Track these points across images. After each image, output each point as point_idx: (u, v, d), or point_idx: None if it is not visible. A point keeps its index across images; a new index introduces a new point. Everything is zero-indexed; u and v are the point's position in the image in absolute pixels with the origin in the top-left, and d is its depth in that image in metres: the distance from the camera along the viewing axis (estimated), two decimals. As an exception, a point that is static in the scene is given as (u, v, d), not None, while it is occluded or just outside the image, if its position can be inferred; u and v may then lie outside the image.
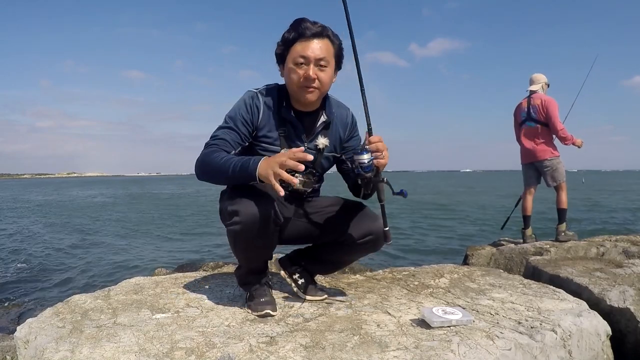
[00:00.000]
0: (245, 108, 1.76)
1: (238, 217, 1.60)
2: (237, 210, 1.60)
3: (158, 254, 8.89)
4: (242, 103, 1.77)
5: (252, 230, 1.61)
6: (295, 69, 1.71)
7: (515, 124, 4.72)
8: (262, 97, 1.78)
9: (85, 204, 25.05)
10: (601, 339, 1.73)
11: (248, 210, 1.59)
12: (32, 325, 1.71)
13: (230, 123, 1.74)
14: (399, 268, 2.58)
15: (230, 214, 1.63)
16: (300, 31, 1.70)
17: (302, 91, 1.74)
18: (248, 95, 1.79)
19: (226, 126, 1.74)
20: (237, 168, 1.55)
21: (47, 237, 11.53)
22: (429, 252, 8.27)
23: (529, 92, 4.55)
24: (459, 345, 1.43)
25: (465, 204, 18.49)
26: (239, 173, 1.55)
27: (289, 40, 1.72)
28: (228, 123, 1.74)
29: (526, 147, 4.55)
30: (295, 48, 1.71)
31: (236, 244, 1.72)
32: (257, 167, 1.50)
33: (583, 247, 3.92)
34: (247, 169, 1.53)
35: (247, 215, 1.59)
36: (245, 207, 1.59)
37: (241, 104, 1.77)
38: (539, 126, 4.43)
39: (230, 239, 1.71)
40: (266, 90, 1.81)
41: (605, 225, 11.07)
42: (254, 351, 1.42)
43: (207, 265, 4.44)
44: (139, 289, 2.12)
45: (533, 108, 4.46)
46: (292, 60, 1.71)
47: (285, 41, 1.73)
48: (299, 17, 1.75)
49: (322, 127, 1.85)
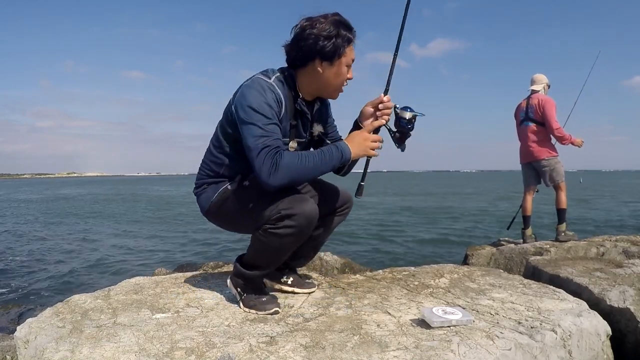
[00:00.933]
0: (273, 101, 1.66)
1: (293, 221, 1.59)
2: (291, 214, 1.59)
3: (158, 254, 8.88)
4: (267, 96, 1.65)
5: (304, 232, 1.65)
6: (344, 71, 1.74)
7: (516, 124, 4.73)
8: (278, 89, 1.69)
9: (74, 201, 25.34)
10: (601, 339, 1.73)
11: (303, 211, 1.60)
12: (32, 325, 1.70)
13: (274, 118, 1.64)
14: (399, 268, 2.58)
15: (281, 218, 1.60)
16: (353, 34, 1.72)
17: (338, 91, 1.80)
18: (266, 86, 1.67)
19: (271, 122, 1.63)
20: (329, 162, 1.64)
21: (45, 237, 11.53)
22: (429, 252, 8.27)
23: (530, 91, 4.56)
24: (459, 345, 1.43)
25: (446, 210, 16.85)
26: (330, 166, 1.65)
27: (345, 40, 1.69)
28: (271, 118, 1.63)
29: (524, 146, 4.56)
30: (348, 51, 1.71)
31: (282, 247, 1.68)
32: (351, 153, 1.68)
33: (583, 247, 3.92)
34: (340, 158, 1.66)
35: (303, 218, 1.60)
36: (300, 209, 1.60)
37: (268, 96, 1.65)
38: (536, 126, 4.43)
39: (274, 242, 1.65)
40: (277, 81, 1.71)
41: (605, 225, 11.07)
42: (254, 351, 1.41)
43: (207, 265, 4.44)
44: (139, 289, 2.12)
45: (530, 108, 4.46)
46: (346, 62, 1.73)
47: (345, 40, 1.69)
48: (340, 16, 1.70)
49: (317, 114, 1.90)
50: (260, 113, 1.61)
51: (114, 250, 9.30)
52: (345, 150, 1.67)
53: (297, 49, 1.69)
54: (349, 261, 4.28)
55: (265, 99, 1.63)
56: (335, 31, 1.65)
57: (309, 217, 1.62)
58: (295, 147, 1.81)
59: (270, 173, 1.55)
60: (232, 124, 1.71)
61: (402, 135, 1.77)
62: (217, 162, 1.81)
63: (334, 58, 1.68)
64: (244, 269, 1.79)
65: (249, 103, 1.62)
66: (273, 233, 1.63)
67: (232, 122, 1.71)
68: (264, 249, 1.70)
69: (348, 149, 1.67)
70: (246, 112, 1.62)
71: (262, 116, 1.61)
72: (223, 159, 1.79)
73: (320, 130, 1.92)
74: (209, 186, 1.83)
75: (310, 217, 1.62)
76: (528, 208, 4.61)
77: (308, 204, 1.62)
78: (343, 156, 1.67)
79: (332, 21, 1.66)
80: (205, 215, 1.87)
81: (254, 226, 1.70)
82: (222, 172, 1.81)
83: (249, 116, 1.61)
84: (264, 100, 1.63)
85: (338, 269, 4.15)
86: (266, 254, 1.71)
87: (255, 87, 1.65)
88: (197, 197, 1.88)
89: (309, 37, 1.65)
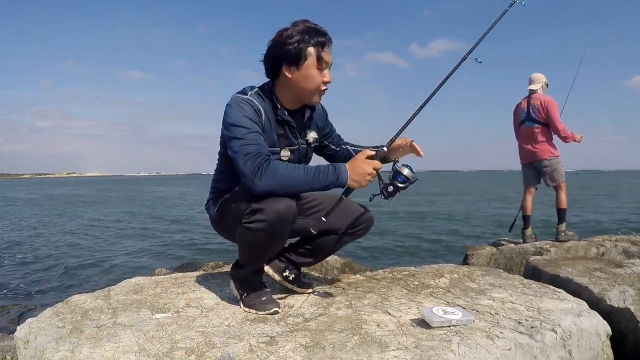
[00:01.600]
0: (251, 113, 1.71)
1: (263, 214, 1.62)
2: (261, 208, 1.62)
3: (158, 254, 8.88)
4: (245, 109, 1.71)
5: (276, 228, 1.65)
6: (314, 73, 1.75)
7: (514, 124, 4.72)
8: (256, 102, 1.74)
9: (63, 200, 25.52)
10: (601, 339, 1.73)
11: (274, 207, 1.61)
12: (32, 325, 1.71)
13: (253, 127, 1.68)
14: (399, 268, 2.58)
15: (252, 211, 1.64)
16: (323, 36, 1.73)
17: (317, 94, 1.80)
18: (243, 101, 1.73)
19: (251, 131, 1.67)
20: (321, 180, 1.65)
21: (45, 237, 11.53)
22: (429, 252, 8.27)
23: (529, 91, 4.55)
24: (459, 345, 1.43)
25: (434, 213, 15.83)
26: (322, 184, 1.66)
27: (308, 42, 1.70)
28: (250, 128, 1.68)
29: (525, 147, 4.55)
30: (313, 52, 1.72)
31: (255, 242, 1.70)
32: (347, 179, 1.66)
33: (583, 247, 3.92)
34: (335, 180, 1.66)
35: (273, 213, 1.61)
36: (271, 205, 1.61)
37: (246, 109, 1.71)
38: (538, 126, 4.43)
39: (247, 236, 1.69)
40: (255, 95, 1.77)
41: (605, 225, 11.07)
42: (254, 351, 1.41)
43: (207, 265, 4.44)
44: (139, 289, 2.12)
45: (532, 108, 4.45)
46: (315, 64, 1.74)
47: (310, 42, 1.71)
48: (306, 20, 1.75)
49: (308, 122, 1.93)
50: (240, 126, 1.68)
51: (114, 250, 9.30)
52: (342, 174, 1.66)
53: (267, 59, 1.78)
54: (349, 261, 4.27)
55: (244, 112, 1.70)
56: (300, 36, 1.71)
57: (280, 214, 1.62)
58: (288, 155, 1.84)
59: (255, 176, 1.60)
60: (223, 144, 1.81)
61: (395, 189, 1.74)
62: (219, 179, 1.94)
63: (299, 61, 1.72)
64: (236, 268, 1.89)
65: (229, 120, 1.71)
66: (246, 227, 1.67)
67: (223, 142, 1.81)
68: (242, 245, 1.77)
69: (345, 174, 1.66)
70: (228, 129, 1.71)
71: (241, 128, 1.68)
72: (223, 176, 1.91)
73: (315, 137, 1.95)
74: (212, 201, 1.95)
75: (280, 213, 1.62)
76: (528, 208, 4.61)
77: (282, 202, 1.63)
78: (339, 178, 1.66)
79: (298, 28, 1.72)
80: (214, 229, 1.99)
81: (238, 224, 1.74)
82: (222, 187, 1.92)
83: (231, 131, 1.69)
84: (242, 113, 1.70)
85: (338, 269, 4.15)
86: (245, 250, 1.78)
87: (234, 105, 1.73)
88: (207, 212, 2.00)
89: (276, 45, 1.73)
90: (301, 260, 2.03)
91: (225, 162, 1.84)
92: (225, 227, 1.90)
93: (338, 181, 1.67)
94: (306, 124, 1.92)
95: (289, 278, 1.97)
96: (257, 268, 1.86)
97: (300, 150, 1.90)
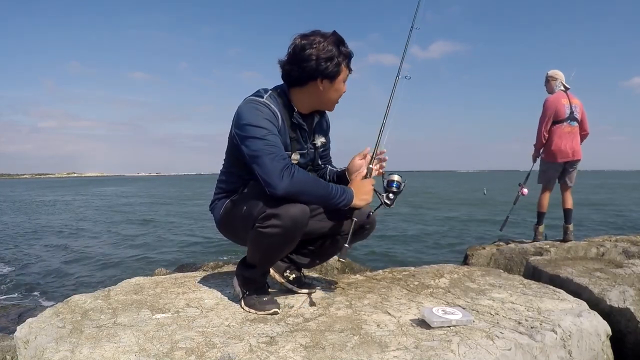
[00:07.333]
0: (270, 115, 1.71)
1: (278, 220, 1.63)
2: (277, 214, 1.63)
3: (158, 254, 8.88)
4: (263, 111, 1.71)
5: (290, 233, 1.67)
6: (342, 87, 1.83)
7: (547, 118, 4.39)
8: (273, 105, 1.75)
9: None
10: (601, 339, 1.73)
11: (289, 212, 1.63)
12: (32, 325, 1.70)
13: (273, 130, 1.69)
14: (399, 268, 2.58)
15: (267, 216, 1.65)
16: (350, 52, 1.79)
17: (335, 104, 1.88)
18: (260, 104, 1.73)
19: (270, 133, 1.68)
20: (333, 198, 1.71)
21: (45, 237, 11.53)
22: (429, 252, 8.27)
23: (564, 87, 4.42)
24: (459, 345, 1.43)
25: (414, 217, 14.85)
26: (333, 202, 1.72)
27: (344, 59, 1.76)
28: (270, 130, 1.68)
29: (569, 145, 4.37)
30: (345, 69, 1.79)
31: (269, 247, 1.72)
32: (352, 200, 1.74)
33: (583, 247, 3.93)
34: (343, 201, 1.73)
35: (288, 219, 1.63)
36: (286, 210, 1.63)
37: (264, 111, 1.71)
38: (577, 126, 4.38)
39: (261, 241, 1.70)
40: (271, 98, 1.78)
41: (604, 225, 11.07)
42: (254, 351, 1.41)
43: (207, 265, 4.44)
44: (139, 289, 2.12)
45: (575, 107, 4.36)
46: (343, 79, 1.81)
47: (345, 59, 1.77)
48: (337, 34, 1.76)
49: (317, 127, 1.95)
50: (259, 126, 1.68)
51: (114, 251, 9.30)
52: (348, 196, 1.74)
53: (299, 69, 1.75)
54: (349, 261, 4.28)
55: (262, 114, 1.70)
56: (337, 51, 1.73)
57: (295, 219, 1.64)
58: (298, 159, 1.86)
59: (281, 177, 1.61)
60: (234, 147, 1.79)
61: (394, 196, 1.85)
62: (226, 180, 1.93)
63: (336, 77, 1.76)
64: (243, 267, 1.87)
65: (245, 121, 1.70)
66: (261, 232, 1.67)
67: (234, 145, 1.78)
68: (255, 249, 1.77)
69: (351, 196, 1.75)
70: (245, 129, 1.69)
71: (261, 129, 1.67)
72: (229, 178, 1.91)
73: (323, 141, 1.99)
74: (218, 202, 1.95)
75: (295, 218, 1.64)
76: (545, 205, 4.55)
77: (296, 207, 1.65)
78: (345, 200, 1.73)
79: (331, 41, 1.73)
80: (219, 230, 1.99)
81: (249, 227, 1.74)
82: (227, 189, 1.92)
83: (248, 131, 1.68)
84: (261, 115, 1.70)
85: (338, 269, 4.16)
86: (258, 253, 1.77)
87: (250, 106, 1.73)
88: (212, 213, 2.00)
89: (310, 57, 1.71)
90: (303, 261, 2.03)
91: (233, 163, 1.85)
92: (232, 229, 1.90)
93: (345, 200, 1.74)
94: (315, 129, 1.95)
95: (290, 278, 1.98)
96: (267, 271, 1.88)
97: (308, 154, 1.93)
